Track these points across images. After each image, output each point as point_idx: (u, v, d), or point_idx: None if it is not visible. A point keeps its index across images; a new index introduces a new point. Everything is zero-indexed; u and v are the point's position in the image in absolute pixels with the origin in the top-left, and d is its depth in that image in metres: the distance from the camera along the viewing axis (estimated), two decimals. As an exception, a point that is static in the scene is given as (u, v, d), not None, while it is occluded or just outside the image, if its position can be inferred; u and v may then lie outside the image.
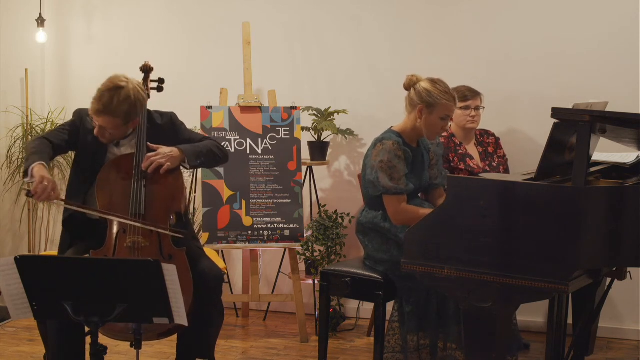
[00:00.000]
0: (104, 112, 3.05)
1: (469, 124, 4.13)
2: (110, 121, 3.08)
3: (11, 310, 2.50)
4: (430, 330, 3.36)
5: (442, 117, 3.33)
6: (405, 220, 3.28)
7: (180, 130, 3.36)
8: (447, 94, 3.32)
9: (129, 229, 3.07)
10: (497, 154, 4.24)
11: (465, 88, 4.14)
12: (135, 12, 5.05)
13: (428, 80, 3.35)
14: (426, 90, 3.31)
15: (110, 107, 3.04)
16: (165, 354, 3.94)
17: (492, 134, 4.29)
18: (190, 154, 3.21)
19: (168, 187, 3.17)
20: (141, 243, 3.06)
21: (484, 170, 4.10)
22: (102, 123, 3.09)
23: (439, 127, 3.36)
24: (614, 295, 4.17)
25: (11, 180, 4.91)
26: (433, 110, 3.31)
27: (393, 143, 3.31)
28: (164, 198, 3.15)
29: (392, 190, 3.28)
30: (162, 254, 3.05)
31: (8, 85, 4.90)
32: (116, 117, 3.07)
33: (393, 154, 3.28)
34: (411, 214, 3.26)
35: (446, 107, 3.31)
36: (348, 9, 4.71)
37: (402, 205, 3.30)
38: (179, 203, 3.19)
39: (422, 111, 3.32)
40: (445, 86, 3.34)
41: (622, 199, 2.70)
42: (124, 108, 3.06)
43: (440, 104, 3.30)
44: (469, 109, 4.11)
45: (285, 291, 4.78)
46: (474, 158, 4.15)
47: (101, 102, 3.04)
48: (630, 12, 4.22)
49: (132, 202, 3.09)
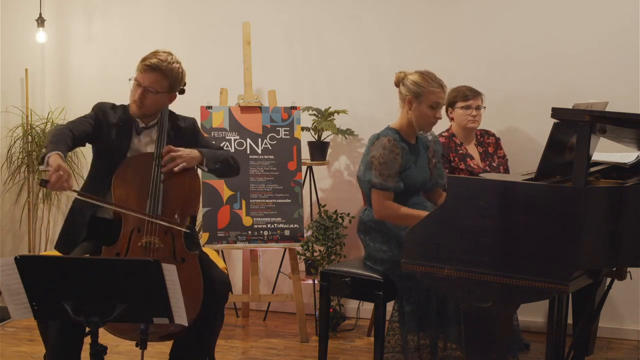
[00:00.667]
0: (157, 67, 3.10)
1: (470, 123, 4.13)
2: (159, 80, 3.12)
3: (11, 310, 2.49)
4: (430, 330, 3.36)
5: (431, 106, 3.35)
6: (386, 216, 3.32)
7: (199, 136, 3.39)
8: (433, 81, 3.35)
9: (145, 229, 3.05)
10: (497, 154, 4.24)
11: (466, 88, 4.14)
12: (135, 12, 5.05)
13: (415, 73, 3.40)
14: (413, 82, 3.36)
15: (164, 64, 3.11)
16: (165, 354, 3.93)
17: (492, 134, 4.30)
18: (209, 157, 3.23)
19: (185, 189, 3.17)
20: (156, 244, 3.04)
21: (484, 170, 4.10)
22: (151, 81, 3.11)
23: (430, 116, 3.37)
24: (614, 295, 4.17)
25: (11, 180, 4.91)
26: (421, 99, 3.35)
27: (388, 139, 3.32)
28: (181, 200, 3.14)
29: (378, 185, 3.30)
30: (175, 257, 3.04)
31: (8, 85, 4.90)
32: (166, 77, 3.12)
33: (388, 150, 3.30)
34: (392, 211, 3.30)
35: (433, 94, 3.34)
36: (348, 9, 4.71)
37: (387, 202, 3.32)
38: (195, 206, 3.20)
39: (411, 102, 3.37)
40: (432, 75, 3.38)
41: (622, 199, 2.70)
42: (174, 71, 3.13)
43: (427, 92, 3.33)
44: (470, 108, 4.11)
45: (285, 291, 4.78)
46: (474, 158, 4.15)
47: (156, 57, 3.11)
48: (630, 12, 4.22)
49: (150, 202, 3.07)
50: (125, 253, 3.02)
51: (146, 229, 3.06)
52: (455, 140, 4.15)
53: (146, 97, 3.14)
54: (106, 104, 3.24)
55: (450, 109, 4.17)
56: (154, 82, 3.11)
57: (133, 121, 3.23)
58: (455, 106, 4.14)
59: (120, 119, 3.21)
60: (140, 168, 3.14)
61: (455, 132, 4.18)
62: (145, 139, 3.26)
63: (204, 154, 3.21)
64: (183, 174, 3.16)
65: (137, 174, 3.13)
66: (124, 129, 3.21)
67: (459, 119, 4.14)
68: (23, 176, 4.96)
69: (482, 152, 4.22)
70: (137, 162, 3.17)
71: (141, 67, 3.12)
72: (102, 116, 3.21)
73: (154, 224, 3.05)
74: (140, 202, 3.08)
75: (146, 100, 3.14)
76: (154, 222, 3.05)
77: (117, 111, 3.23)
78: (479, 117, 4.16)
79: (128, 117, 3.21)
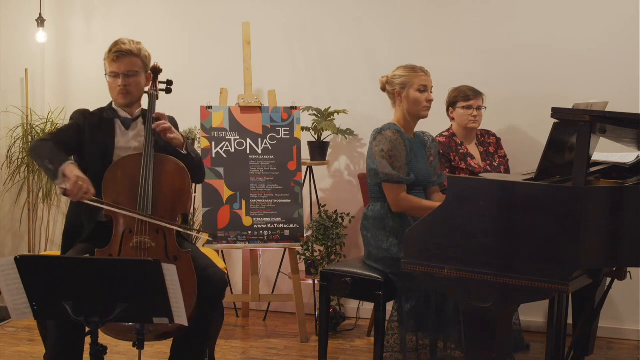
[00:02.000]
0: (128, 51, 3.19)
1: (471, 123, 4.13)
2: (134, 62, 3.20)
3: (11, 310, 2.49)
4: (430, 330, 3.37)
5: (419, 90, 3.44)
6: (406, 208, 3.35)
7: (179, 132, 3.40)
8: (412, 69, 3.47)
9: (136, 229, 3.07)
10: (498, 154, 4.25)
11: (467, 88, 4.15)
12: (135, 12, 5.05)
13: (397, 69, 3.51)
14: (396, 75, 3.48)
15: (132, 45, 3.21)
16: (165, 354, 3.94)
17: (493, 134, 4.30)
18: (189, 144, 3.30)
19: (176, 187, 3.18)
20: (147, 244, 3.06)
21: (485, 170, 4.10)
22: (126, 66, 3.19)
23: (422, 99, 3.45)
24: (614, 295, 4.18)
25: (11, 180, 4.91)
26: (408, 86, 3.44)
27: (393, 132, 3.38)
28: (171, 198, 3.16)
29: (393, 178, 3.32)
30: (167, 255, 3.06)
31: (8, 85, 4.90)
32: (138, 56, 3.22)
33: (395, 143, 3.35)
34: (413, 203, 3.34)
35: (418, 77, 3.44)
36: (348, 9, 4.71)
37: (403, 194, 3.34)
38: (185, 204, 3.21)
39: (400, 94, 3.45)
40: (412, 64, 3.50)
41: (622, 199, 2.70)
42: (142, 50, 3.25)
43: (412, 77, 3.44)
44: (471, 108, 4.12)
45: (285, 291, 4.78)
46: (475, 158, 4.15)
47: (120, 45, 3.19)
48: (630, 12, 4.22)
49: (140, 201, 3.09)
50: (118, 254, 3.04)
51: (137, 229, 3.07)
52: (455, 140, 4.15)
53: (129, 83, 3.21)
54: (84, 109, 3.30)
55: (451, 109, 4.17)
56: (130, 65, 3.20)
57: (115, 119, 3.26)
58: (456, 106, 4.14)
59: (101, 119, 3.25)
60: (129, 169, 3.16)
61: (456, 132, 4.18)
62: (132, 132, 3.28)
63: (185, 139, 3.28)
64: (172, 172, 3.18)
65: (126, 175, 3.15)
66: (106, 129, 3.25)
67: (459, 119, 4.14)
68: (23, 176, 4.96)
69: (483, 152, 4.22)
70: (126, 163, 3.19)
71: (112, 57, 3.20)
72: (81, 122, 3.24)
73: (144, 224, 3.07)
74: (131, 202, 3.10)
75: (130, 85, 3.22)
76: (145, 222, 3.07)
77: (96, 113, 3.28)
78: (480, 117, 4.16)
79: (109, 115, 3.26)
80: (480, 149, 4.22)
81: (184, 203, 3.20)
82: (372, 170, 3.39)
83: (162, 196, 3.14)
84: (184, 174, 3.21)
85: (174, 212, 3.16)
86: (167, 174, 3.17)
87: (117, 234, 3.09)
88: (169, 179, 3.18)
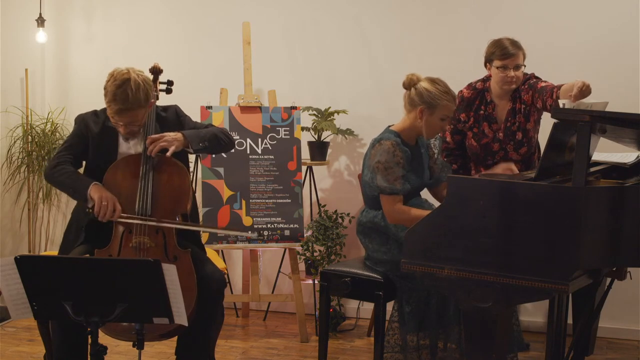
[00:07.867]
0: (128, 108, 3.06)
1: (506, 85, 3.77)
2: (136, 114, 3.09)
3: (11, 310, 2.49)
4: (430, 330, 3.36)
5: (442, 118, 3.33)
6: (399, 220, 3.30)
7: (185, 121, 3.37)
8: (447, 94, 3.30)
9: (135, 229, 3.08)
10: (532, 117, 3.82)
11: (507, 43, 3.75)
12: (135, 12, 5.05)
13: (428, 80, 3.33)
14: (427, 90, 3.30)
15: (130, 101, 3.04)
16: (165, 354, 3.94)
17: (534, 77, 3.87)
18: (193, 137, 3.21)
19: (174, 188, 3.18)
20: (147, 244, 3.06)
21: (495, 139, 3.89)
22: (129, 119, 3.10)
23: (438, 127, 3.36)
24: (614, 295, 4.16)
25: (11, 180, 4.91)
26: (434, 111, 3.30)
27: (391, 143, 3.30)
28: (170, 198, 3.16)
29: (387, 190, 3.28)
30: (167, 255, 3.06)
31: (8, 85, 4.91)
32: (139, 107, 3.09)
33: (391, 155, 3.28)
34: (405, 215, 3.28)
35: (447, 107, 3.31)
36: (348, 9, 4.71)
37: (397, 206, 3.30)
38: (185, 204, 3.19)
39: (423, 112, 3.31)
40: (445, 86, 3.33)
41: (622, 199, 2.70)
42: (141, 96, 3.07)
43: (441, 105, 3.29)
44: (507, 69, 3.73)
45: (285, 291, 4.78)
46: (496, 121, 3.85)
47: (119, 101, 3.04)
48: (630, 12, 4.22)
49: (139, 202, 3.09)
50: (118, 255, 3.05)
51: (136, 230, 3.08)
52: (486, 98, 3.86)
53: (132, 128, 3.16)
54: (87, 114, 3.26)
55: (488, 65, 3.84)
56: (132, 117, 3.11)
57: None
58: (492, 63, 3.79)
59: (104, 126, 3.22)
60: (129, 170, 3.16)
61: (492, 88, 3.85)
62: (133, 140, 3.27)
63: (186, 135, 3.20)
64: (171, 172, 3.18)
65: (125, 176, 3.15)
66: (109, 136, 3.23)
67: (495, 78, 3.80)
68: (23, 176, 4.97)
69: (511, 109, 3.84)
70: (125, 164, 3.19)
71: (113, 110, 3.08)
72: (85, 129, 3.23)
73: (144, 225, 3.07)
74: (130, 205, 3.10)
75: (134, 129, 3.17)
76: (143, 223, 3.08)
77: (100, 117, 3.24)
78: (518, 79, 3.76)
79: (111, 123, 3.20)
80: (509, 106, 3.85)
81: (184, 203, 3.20)
82: (367, 182, 3.37)
83: (161, 196, 3.14)
84: (184, 174, 3.21)
85: (173, 212, 3.16)
86: (166, 174, 3.17)
87: (117, 234, 3.09)
88: (168, 179, 3.17)
